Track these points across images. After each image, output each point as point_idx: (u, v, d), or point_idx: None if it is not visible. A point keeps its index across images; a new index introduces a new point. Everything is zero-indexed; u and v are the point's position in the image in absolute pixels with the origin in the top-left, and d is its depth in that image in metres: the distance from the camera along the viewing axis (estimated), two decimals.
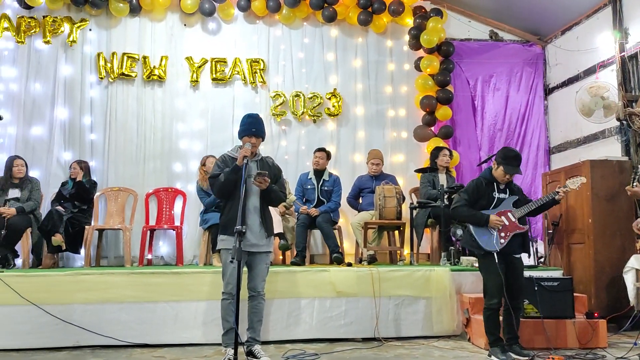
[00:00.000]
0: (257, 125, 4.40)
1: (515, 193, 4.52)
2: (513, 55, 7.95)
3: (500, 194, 4.47)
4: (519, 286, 4.42)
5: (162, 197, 7.01)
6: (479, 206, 4.44)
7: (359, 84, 7.73)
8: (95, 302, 4.90)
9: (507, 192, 4.50)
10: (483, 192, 4.45)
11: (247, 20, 7.63)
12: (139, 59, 7.29)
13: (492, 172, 4.49)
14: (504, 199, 4.47)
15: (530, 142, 7.81)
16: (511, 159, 4.40)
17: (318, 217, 6.32)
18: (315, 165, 6.66)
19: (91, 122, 7.17)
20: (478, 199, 4.44)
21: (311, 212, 6.34)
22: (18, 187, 6.20)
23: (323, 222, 6.28)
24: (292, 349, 4.74)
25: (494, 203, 4.44)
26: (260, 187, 4.23)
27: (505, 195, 4.48)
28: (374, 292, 5.21)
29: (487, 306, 4.36)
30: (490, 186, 4.47)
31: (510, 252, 4.39)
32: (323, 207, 6.46)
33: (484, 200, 4.44)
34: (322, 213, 6.36)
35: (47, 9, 7.13)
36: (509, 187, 4.52)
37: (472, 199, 4.44)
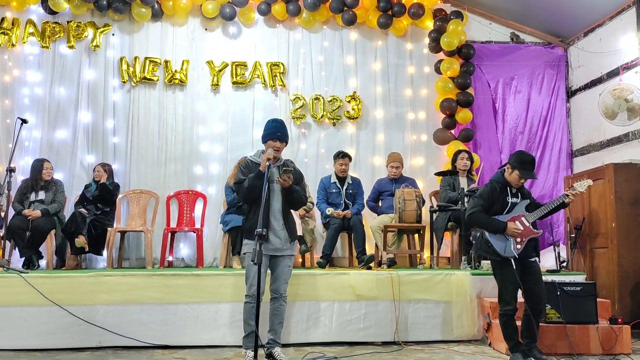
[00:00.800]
0: (282, 130, 4.42)
1: (526, 197, 4.48)
2: (534, 57, 7.88)
3: (513, 199, 4.43)
4: (540, 290, 4.36)
5: (182, 200, 7.08)
6: (493, 211, 4.39)
7: (379, 87, 7.72)
8: (118, 303, 4.96)
9: (519, 197, 4.45)
10: (497, 197, 4.40)
11: (267, 24, 7.68)
12: (161, 63, 7.38)
13: (504, 176, 4.43)
14: (516, 203, 4.41)
15: (552, 145, 7.72)
16: (527, 164, 4.34)
17: (352, 218, 6.34)
18: (342, 173, 6.65)
19: (114, 125, 7.27)
20: (493, 204, 4.40)
21: (346, 214, 6.35)
22: (43, 190, 6.32)
23: (358, 223, 6.31)
24: (312, 352, 4.74)
25: (507, 208, 4.39)
26: (284, 185, 4.25)
27: (518, 200, 4.43)
28: (394, 295, 5.20)
29: (502, 312, 4.31)
30: (504, 191, 4.42)
31: (525, 257, 4.35)
32: (353, 208, 6.49)
33: (498, 205, 4.39)
34: (354, 214, 6.38)
35: (71, 14, 7.25)
36: (521, 191, 4.48)
37: (487, 204, 4.39)
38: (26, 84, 7.17)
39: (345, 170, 6.67)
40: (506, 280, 4.28)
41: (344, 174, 6.67)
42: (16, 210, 6.10)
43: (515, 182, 4.38)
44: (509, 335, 4.32)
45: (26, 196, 6.25)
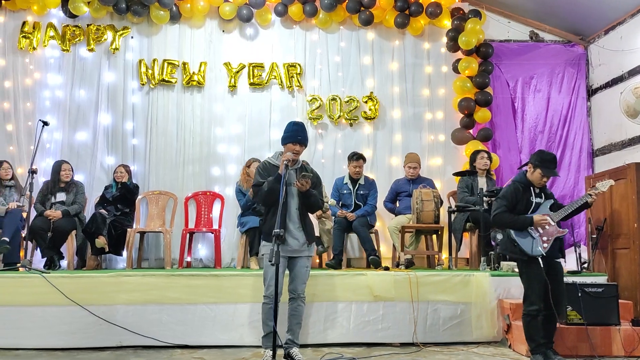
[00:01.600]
0: (303, 133, 4.42)
1: (549, 197, 4.44)
2: (554, 56, 7.78)
3: (537, 199, 4.40)
4: (561, 291, 4.33)
5: (200, 201, 7.12)
6: (517, 211, 4.37)
7: (396, 87, 7.69)
8: (137, 303, 5.01)
9: (543, 197, 4.42)
10: (521, 197, 4.38)
11: (284, 25, 7.70)
12: (179, 65, 7.44)
13: (527, 176, 4.41)
14: (540, 203, 4.39)
15: (573, 145, 7.61)
16: (548, 162, 4.32)
17: (354, 221, 6.30)
18: (357, 175, 6.62)
19: (133, 127, 7.35)
20: (516, 204, 4.37)
21: (349, 216, 6.33)
22: (63, 191, 6.40)
23: (359, 226, 6.27)
24: (330, 353, 4.74)
25: (532, 208, 4.36)
26: (302, 189, 4.26)
27: (541, 200, 4.41)
28: (412, 296, 5.17)
29: (526, 312, 4.27)
30: (527, 191, 4.40)
31: (551, 256, 4.31)
32: (359, 211, 6.44)
33: (522, 205, 4.37)
34: (358, 217, 6.34)
35: (91, 18, 7.35)
36: (544, 192, 4.44)
37: (511, 204, 4.37)
38: (47, 87, 7.28)
39: (360, 173, 6.63)
40: (533, 280, 4.24)
41: (358, 176, 6.64)
42: (38, 211, 6.19)
43: (538, 181, 4.35)
44: (531, 336, 4.27)
45: (47, 197, 6.34)
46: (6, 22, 7.32)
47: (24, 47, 7.22)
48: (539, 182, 4.36)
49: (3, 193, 6.33)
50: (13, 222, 5.97)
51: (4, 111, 7.18)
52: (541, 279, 4.17)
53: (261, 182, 4.34)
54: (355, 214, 6.37)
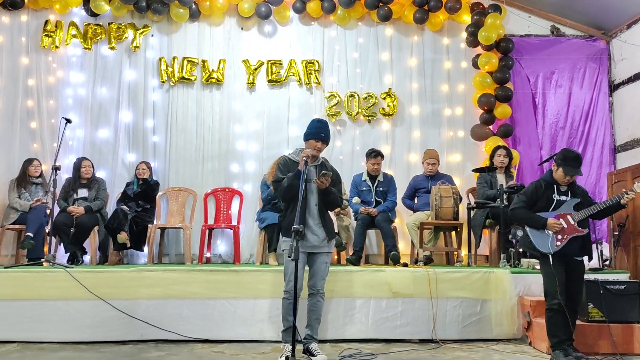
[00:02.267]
0: (326, 131, 4.45)
1: (578, 196, 4.40)
2: (575, 50, 7.67)
3: (561, 196, 4.38)
4: (577, 288, 4.32)
5: (219, 197, 7.18)
6: (537, 208, 4.38)
7: (415, 83, 7.66)
8: (159, 297, 5.08)
9: (569, 195, 4.38)
10: (542, 194, 4.38)
11: (302, 22, 7.71)
12: (198, 62, 7.50)
13: (552, 174, 4.41)
14: (564, 201, 4.37)
15: (595, 141, 7.51)
16: (571, 160, 4.30)
17: (377, 216, 6.31)
18: (375, 172, 6.62)
19: (153, 124, 7.43)
20: (536, 201, 4.39)
21: (371, 212, 6.34)
22: (86, 187, 6.51)
23: (382, 221, 6.27)
24: (348, 348, 4.75)
25: (553, 205, 4.35)
26: (321, 186, 4.28)
27: (567, 198, 4.38)
28: (431, 293, 5.16)
29: (548, 307, 4.28)
30: (550, 188, 4.39)
31: (569, 254, 4.30)
32: (381, 206, 6.44)
33: (543, 202, 4.37)
34: (380, 212, 6.35)
35: (112, 16, 7.44)
36: (572, 190, 4.40)
37: (531, 201, 4.40)
38: (69, 85, 7.39)
39: (378, 170, 6.62)
40: (546, 276, 4.30)
41: (376, 173, 6.63)
42: (61, 207, 6.30)
43: (561, 179, 4.34)
44: (553, 332, 4.25)
45: (70, 194, 6.45)
46: (29, 21, 7.44)
47: (46, 46, 7.33)
48: (563, 181, 4.35)
49: (30, 189, 6.46)
50: (37, 218, 6.10)
51: (28, 109, 7.31)
52: (552, 275, 4.20)
53: (281, 178, 4.37)
54: (377, 209, 6.38)
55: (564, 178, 4.32)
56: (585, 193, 4.51)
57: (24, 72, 7.35)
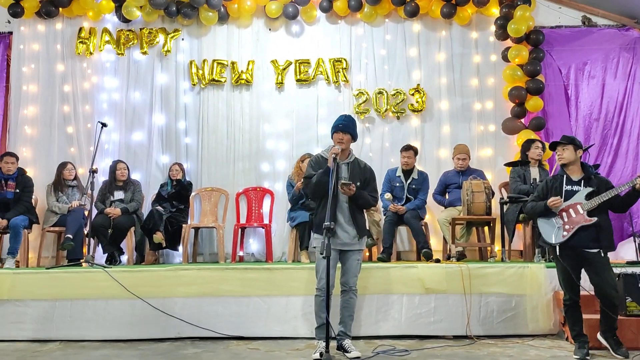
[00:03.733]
0: (346, 121, 4.49)
1: (592, 185, 4.29)
2: (608, 40, 7.51)
3: (573, 187, 4.33)
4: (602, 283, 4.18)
5: (251, 196, 7.27)
6: None
7: (443, 78, 7.60)
8: (194, 295, 5.18)
9: (582, 185, 4.31)
10: (550, 187, 4.41)
11: (329, 21, 7.73)
12: (228, 64, 7.60)
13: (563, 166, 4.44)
14: (576, 191, 4.30)
15: (630, 132, 7.33)
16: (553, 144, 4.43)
17: (406, 214, 6.30)
18: (405, 166, 6.60)
19: (185, 126, 7.56)
20: (547, 194, 4.40)
21: (399, 209, 6.33)
22: (122, 189, 6.68)
23: (411, 218, 6.26)
24: (382, 345, 4.76)
25: (563, 196, 4.32)
26: (346, 194, 4.31)
27: (579, 188, 4.31)
28: (464, 289, 5.13)
29: (563, 301, 4.35)
30: (559, 180, 4.39)
31: (579, 246, 4.22)
32: (410, 204, 6.43)
33: (552, 194, 4.36)
34: (409, 210, 6.33)
35: (143, 22, 7.59)
36: (587, 180, 4.32)
37: (541, 195, 4.44)
38: (104, 90, 7.58)
39: (409, 164, 6.61)
40: (558, 268, 4.36)
41: (407, 167, 6.61)
42: (98, 209, 6.48)
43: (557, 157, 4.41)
44: (570, 325, 4.35)
45: (106, 196, 6.62)
46: (64, 29, 7.65)
47: (81, 52, 7.54)
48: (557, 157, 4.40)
49: (66, 192, 6.65)
50: (76, 220, 6.28)
51: (65, 114, 7.52)
52: (562, 267, 4.25)
53: (312, 175, 4.41)
54: (406, 207, 6.37)
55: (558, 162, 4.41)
56: (606, 184, 4.33)
57: (60, 79, 7.57)
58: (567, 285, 4.26)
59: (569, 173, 4.37)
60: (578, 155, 4.36)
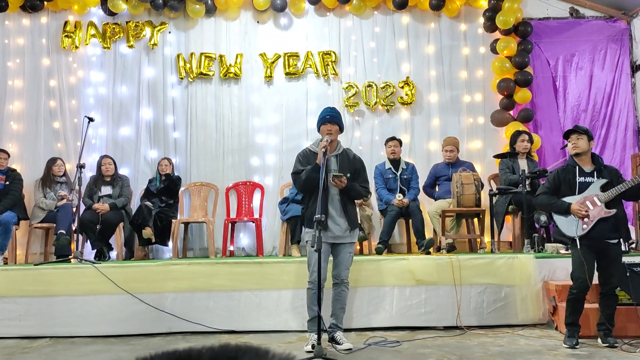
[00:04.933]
0: (333, 112, 4.49)
1: (605, 176, 4.30)
2: (596, 32, 7.55)
3: (586, 178, 4.31)
4: (610, 273, 4.27)
5: (241, 191, 7.24)
6: (562, 193, 4.34)
7: (432, 71, 7.61)
8: (185, 290, 5.16)
9: (595, 176, 4.31)
10: (563, 179, 4.36)
11: (318, 14, 7.70)
12: (216, 58, 7.54)
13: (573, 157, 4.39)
14: (590, 182, 4.30)
15: (618, 123, 7.40)
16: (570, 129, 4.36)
17: (410, 205, 6.33)
18: (392, 154, 6.62)
19: (174, 121, 7.51)
20: (559, 186, 4.36)
21: (405, 202, 6.33)
22: (109, 185, 6.62)
23: (416, 209, 6.30)
24: (373, 336, 4.78)
25: (577, 188, 4.30)
26: (338, 187, 4.30)
27: (593, 179, 4.30)
28: (455, 280, 5.15)
29: (570, 291, 4.33)
30: (571, 171, 4.35)
31: (600, 237, 4.23)
32: (409, 195, 6.45)
33: (566, 187, 4.34)
34: (411, 202, 6.36)
35: (130, 15, 7.51)
36: (599, 170, 4.33)
37: (553, 187, 4.39)
38: (90, 84, 7.50)
39: (395, 152, 6.61)
40: (574, 260, 4.28)
41: (394, 156, 6.62)
42: (86, 205, 6.42)
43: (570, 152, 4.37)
44: (567, 313, 4.34)
45: (94, 191, 6.57)
46: (49, 22, 7.56)
47: (66, 47, 7.44)
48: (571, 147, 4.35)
49: (54, 188, 6.59)
50: (67, 215, 6.22)
51: (51, 109, 7.44)
52: (579, 260, 4.19)
53: (300, 170, 4.40)
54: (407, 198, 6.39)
55: (572, 151, 4.34)
56: (617, 173, 4.39)
57: (45, 73, 7.47)
58: (578, 277, 4.19)
59: (581, 164, 4.35)
60: (591, 145, 4.35)
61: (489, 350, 4.25)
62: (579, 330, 4.32)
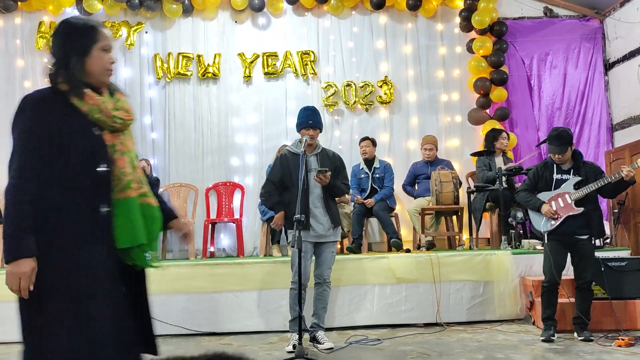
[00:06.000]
0: (314, 117, 4.48)
1: (582, 174, 4.39)
2: (569, 31, 7.69)
3: (563, 175, 4.42)
4: (582, 268, 4.38)
5: (221, 191, 7.22)
6: (540, 189, 4.49)
7: (410, 70, 7.67)
8: (164, 292, 5.09)
9: (571, 173, 4.41)
10: (541, 175, 4.49)
11: (296, 13, 7.71)
12: (194, 57, 7.50)
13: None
14: (565, 180, 4.41)
15: (592, 120, 7.55)
16: (552, 139, 4.38)
17: (374, 206, 6.34)
18: (364, 154, 6.63)
19: (151, 121, 7.45)
20: (537, 182, 4.51)
21: (367, 203, 6.35)
22: None
23: (380, 210, 6.30)
24: (355, 335, 4.81)
25: (553, 184, 4.43)
26: (322, 183, 4.32)
27: (569, 176, 4.41)
28: (434, 277, 5.21)
29: (542, 285, 4.46)
30: (549, 168, 4.47)
31: (570, 233, 4.36)
32: (377, 195, 6.45)
33: (543, 183, 4.48)
34: (377, 201, 6.37)
35: (105, 15, 7.41)
36: (576, 168, 4.42)
37: (533, 183, 4.54)
38: None
39: (367, 152, 6.61)
40: (545, 255, 4.44)
41: (366, 156, 6.61)
42: None
43: (553, 158, 4.42)
44: (543, 308, 4.46)
45: None
46: (23, 23, 7.43)
47: (41, 47, 7.32)
48: (555, 159, 4.42)
49: None
50: None
51: None
52: (547, 254, 4.36)
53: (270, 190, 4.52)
54: (374, 198, 6.40)
55: (554, 157, 4.40)
56: (595, 171, 4.43)
57: (20, 75, 7.35)
58: (547, 270, 4.34)
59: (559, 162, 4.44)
60: (571, 149, 4.41)
61: (468, 346, 4.31)
62: (555, 325, 4.40)
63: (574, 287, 4.50)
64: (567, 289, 4.59)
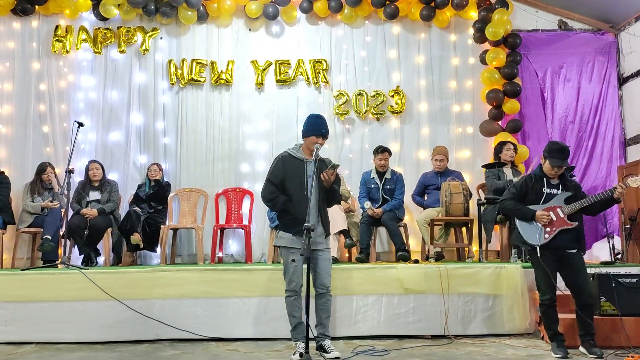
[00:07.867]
0: (326, 126, 4.49)
1: (570, 189, 4.43)
2: (584, 44, 7.66)
3: (552, 189, 4.44)
4: (580, 282, 4.34)
5: (230, 197, 7.24)
6: (527, 201, 4.46)
7: (422, 80, 7.67)
8: (173, 297, 5.13)
9: (560, 188, 4.43)
10: (531, 187, 4.47)
11: (310, 22, 7.75)
12: (207, 64, 7.55)
13: (542, 168, 4.48)
14: (555, 194, 4.42)
15: (605, 134, 7.49)
16: (556, 152, 4.37)
17: (383, 216, 6.32)
18: (382, 168, 6.61)
19: (164, 126, 7.50)
20: (526, 194, 4.47)
21: (375, 214, 6.33)
22: (98, 190, 6.59)
23: (388, 220, 6.28)
24: (361, 345, 4.79)
25: (543, 198, 4.41)
26: (329, 181, 4.31)
27: (558, 191, 4.43)
28: (443, 289, 5.17)
29: (540, 302, 4.40)
30: (539, 182, 4.46)
31: (561, 248, 4.35)
32: (387, 205, 6.43)
33: (532, 196, 4.45)
34: (386, 212, 6.35)
35: (121, 20, 7.51)
36: (563, 183, 4.44)
37: (520, 194, 4.49)
38: (80, 89, 7.47)
39: (385, 165, 6.61)
40: (537, 269, 4.39)
41: (383, 169, 6.63)
42: (74, 210, 6.37)
43: (549, 171, 4.43)
44: (548, 325, 4.40)
45: (82, 196, 6.53)
46: (40, 26, 7.53)
47: (57, 51, 7.42)
48: (550, 173, 4.41)
49: (43, 194, 6.54)
50: (54, 221, 6.18)
51: (40, 113, 7.40)
52: (542, 268, 4.30)
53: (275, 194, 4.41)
54: (382, 208, 6.38)
55: (551, 170, 4.39)
56: (578, 187, 4.56)
57: (35, 77, 7.44)
58: (547, 285, 4.32)
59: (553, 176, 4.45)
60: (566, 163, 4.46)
61: None
62: (564, 340, 4.35)
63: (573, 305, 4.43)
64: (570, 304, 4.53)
